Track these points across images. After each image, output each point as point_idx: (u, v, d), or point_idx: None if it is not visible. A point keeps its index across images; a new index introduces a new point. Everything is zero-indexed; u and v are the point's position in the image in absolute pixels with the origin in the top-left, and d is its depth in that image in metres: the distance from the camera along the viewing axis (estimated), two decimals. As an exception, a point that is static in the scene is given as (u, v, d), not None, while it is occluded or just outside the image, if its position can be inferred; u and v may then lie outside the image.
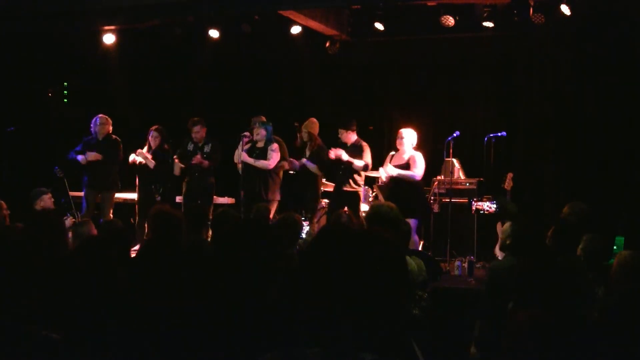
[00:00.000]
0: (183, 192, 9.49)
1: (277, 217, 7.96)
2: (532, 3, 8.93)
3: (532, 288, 3.59)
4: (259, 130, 9.01)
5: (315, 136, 9.36)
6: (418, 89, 11.22)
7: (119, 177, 9.54)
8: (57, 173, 9.39)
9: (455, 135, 9.07)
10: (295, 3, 9.35)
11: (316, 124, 9.43)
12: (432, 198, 9.46)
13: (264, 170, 8.98)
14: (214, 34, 10.40)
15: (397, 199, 7.36)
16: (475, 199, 9.25)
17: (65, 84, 12.18)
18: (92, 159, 9.26)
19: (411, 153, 8.54)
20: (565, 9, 8.80)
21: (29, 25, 10.04)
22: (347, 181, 8.91)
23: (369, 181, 9.76)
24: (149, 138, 9.51)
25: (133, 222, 9.68)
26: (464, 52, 10.73)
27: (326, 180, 9.69)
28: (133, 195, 9.83)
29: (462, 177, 9.69)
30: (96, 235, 5.51)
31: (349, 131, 8.98)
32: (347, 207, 8.67)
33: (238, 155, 9.10)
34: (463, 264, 8.24)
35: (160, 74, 11.78)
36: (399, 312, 2.02)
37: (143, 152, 9.42)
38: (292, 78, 11.52)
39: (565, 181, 10.07)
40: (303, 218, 8.55)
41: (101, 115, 9.48)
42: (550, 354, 3.26)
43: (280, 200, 9.23)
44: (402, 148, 8.58)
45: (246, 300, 2.98)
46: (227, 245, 3.31)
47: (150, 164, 9.37)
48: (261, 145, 9.06)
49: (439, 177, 9.55)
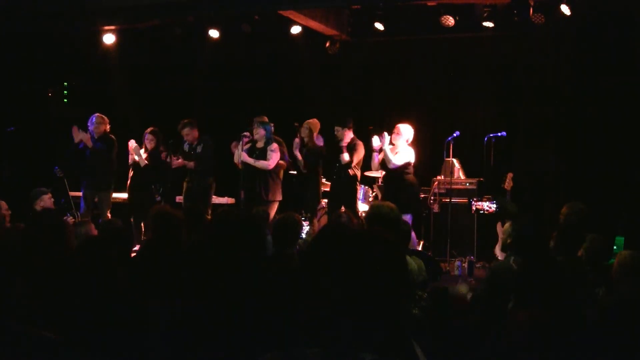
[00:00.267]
0: (183, 192, 9.51)
1: (277, 217, 7.97)
2: (532, 3, 8.93)
3: (532, 288, 3.59)
4: (258, 130, 9.02)
5: (314, 137, 9.35)
6: (418, 89, 11.22)
7: (114, 177, 9.53)
8: (57, 173, 9.39)
9: (455, 135, 9.08)
10: (295, 3, 9.35)
11: (318, 125, 9.43)
12: (432, 198, 9.47)
13: (264, 171, 8.98)
14: (214, 34, 10.40)
15: (389, 195, 7.39)
16: (475, 199, 9.25)
17: (65, 84, 12.18)
18: (83, 139, 9.21)
19: (404, 148, 8.61)
20: (565, 9, 8.80)
21: (29, 25, 10.04)
22: (343, 180, 8.95)
23: (369, 181, 9.77)
24: (144, 141, 9.50)
25: (133, 221, 9.68)
26: (464, 52, 10.73)
27: (326, 180, 9.70)
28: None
29: (462, 177, 9.69)
30: (96, 235, 5.52)
31: (346, 129, 9.02)
32: (344, 204, 8.68)
33: (238, 155, 9.10)
34: (463, 264, 8.25)
35: (160, 74, 11.78)
36: (399, 312, 2.02)
37: (138, 148, 9.41)
38: (292, 78, 11.51)
39: (565, 181, 10.07)
40: (303, 218, 8.56)
41: (97, 115, 9.46)
42: (550, 354, 3.26)
43: (280, 201, 9.24)
44: (397, 143, 8.64)
45: (246, 300, 2.98)
46: (227, 245, 3.31)
47: (141, 162, 9.37)
48: (260, 145, 9.07)
49: (439, 177, 9.55)
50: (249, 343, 2.83)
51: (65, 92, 12.23)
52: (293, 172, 9.66)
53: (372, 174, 9.38)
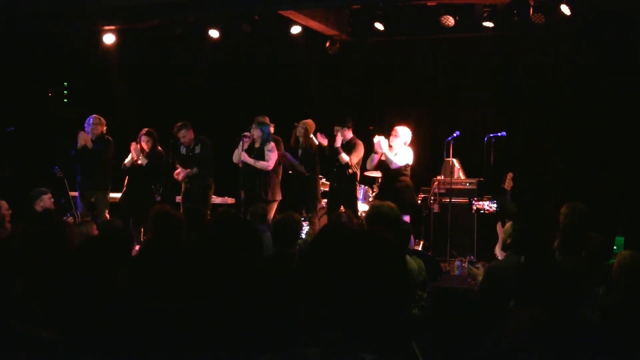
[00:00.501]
0: (182, 192, 9.49)
1: (277, 217, 7.97)
2: (532, 3, 8.93)
3: (532, 288, 3.59)
4: (254, 131, 9.03)
5: (310, 137, 9.35)
6: (418, 89, 11.22)
7: (111, 177, 9.53)
8: (57, 173, 9.39)
9: (455, 135, 9.08)
10: (295, 3, 9.35)
11: (313, 125, 9.44)
12: (432, 198, 9.47)
13: (263, 171, 8.99)
14: (214, 34, 10.40)
15: (387, 196, 7.40)
16: (476, 198, 9.26)
17: (65, 84, 12.17)
18: (82, 141, 9.22)
19: (404, 148, 8.67)
20: (565, 9, 8.80)
21: (29, 25, 10.04)
22: (343, 179, 8.96)
23: (369, 181, 9.77)
24: (140, 142, 9.47)
25: (132, 222, 9.67)
26: (464, 52, 10.73)
27: (326, 180, 9.70)
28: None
29: (462, 177, 9.69)
30: (96, 235, 5.52)
31: (345, 128, 9.04)
32: (344, 206, 8.69)
33: (238, 155, 9.10)
34: (463, 264, 8.24)
35: (160, 74, 11.78)
36: (398, 312, 2.02)
37: (138, 149, 9.41)
38: (292, 78, 11.51)
39: (565, 181, 10.07)
40: (303, 218, 8.56)
41: (95, 116, 9.46)
42: (550, 354, 3.26)
43: (280, 200, 9.25)
44: (394, 144, 8.66)
45: (246, 300, 2.98)
46: (226, 245, 3.31)
47: (143, 161, 9.36)
48: (257, 145, 9.08)
49: (439, 177, 9.55)
50: (249, 343, 2.83)
51: (65, 92, 12.23)
52: (291, 172, 9.66)
53: (372, 173, 9.38)
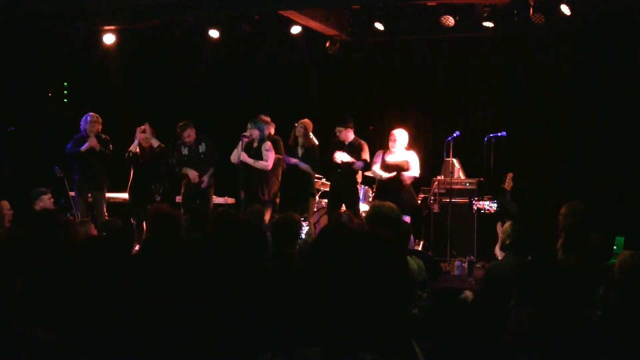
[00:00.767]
0: (182, 192, 9.47)
1: (277, 217, 7.97)
2: (532, 3, 8.93)
3: (532, 288, 3.59)
4: (252, 131, 9.03)
5: (310, 136, 9.36)
6: (418, 89, 11.22)
7: (109, 177, 9.52)
8: (57, 173, 9.39)
9: (455, 135, 9.08)
10: (295, 3, 9.35)
11: (311, 125, 9.44)
12: (432, 198, 9.47)
13: (263, 171, 8.99)
14: (214, 34, 10.40)
15: (386, 197, 7.41)
16: (476, 198, 9.26)
17: (65, 84, 12.17)
18: (93, 144, 9.24)
19: (406, 154, 8.68)
20: (565, 9, 8.80)
21: (29, 25, 10.04)
22: (347, 179, 8.96)
23: (369, 181, 9.77)
24: (140, 140, 9.45)
25: (133, 222, 9.67)
26: (464, 52, 10.73)
27: (326, 180, 9.70)
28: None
29: (462, 177, 9.69)
30: (96, 235, 5.52)
31: (347, 129, 9.04)
32: (346, 206, 8.71)
33: (236, 155, 9.09)
34: (463, 264, 8.24)
35: (160, 74, 11.77)
36: (399, 312, 2.02)
37: (147, 132, 9.40)
38: (292, 78, 11.51)
39: (565, 181, 10.07)
40: (302, 218, 8.57)
41: (92, 114, 9.45)
42: (550, 354, 3.27)
43: (279, 201, 9.26)
44: (394, 149, 8.69)
45: (246, 300, 2.98)
46: (226, 245, 3.31)
47: (154, 143, 9.35)
48: (255, 145, 9.08)
49: (439, 177, 9.55)
50: (249, 343, 2.83)
51: (65, 92, 12.23)
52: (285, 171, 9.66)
53: (371, 173, 9.38)
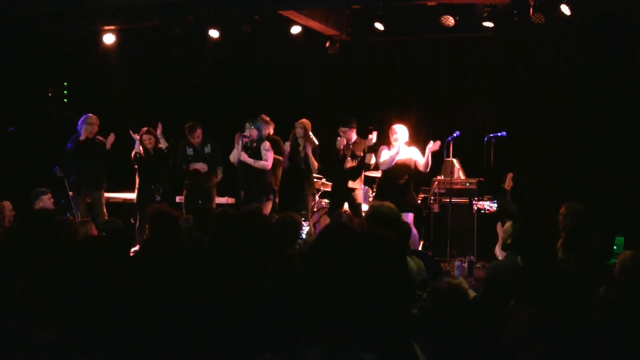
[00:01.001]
0: (184, 193, 9.47)
1: (276, 217, 7.96)
2: (532, 3, 8.93)
3: (532, 288, 3.59)
4: (251, 131, 9.04)
5: (310, 136, 9.36)
6: (418, 89, 11.22)
7: (106, 176, 9.54)
8: (57, 173, 9.39)
9: (455, 135, 9.08)
10: (295, 3, 9.35)
11: (310, 125, 9.45)
12: (432, 198, 9.47)
13: (262, 170, 9.00)
14: (214, 34, 10.40)
15: (389, 196, 7.41)
16: (476, 198, 9.26)
17: (65, 84, 12.17)
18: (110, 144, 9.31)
19: (409, 149, 8.70)
20: (565, 9, 8.80)
21: (29, 25, 10.04)
22: (351, 179, 8.96)
23: (369, 181, 9.77)
24: (143, 142, 9.46)
25: (133, 222, 9.68)
26: (464, 52, 10.73)
27: (326, 180, 9.71)
28: (132, 195, 9.83)
29: (462, 177, 9.69)
30: (96, 235, 5.52)
31: (351, 129, 9.04)
32: (349, 205, 8.72)
33: (236, 154, 9.09)
34: (463, 264, 8.25)
35: (160, 74, 11.78)
36: (399, 312, 2.02)
37: (156, 134, 9.43)
38: (292, 78, 11.51)
39: (565, 181, 10.08)
40: (303, 219, 8.57)
41: (90, 115, 9.46)
42: (550, 354, 3.26)
43: (278, 201, 9.27)
44: (397, 144, 8.67)
45: (246, 300, 2.98)
46: (226, 245, 3.30)
47: (164, 144, 9.38)
48: (254, 144, 9.09)
49: (439, 177, 9.55)
50: (249, 343, 2.83)
51: (65, 92, 12.23)
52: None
53: (372, 173, 9.38)
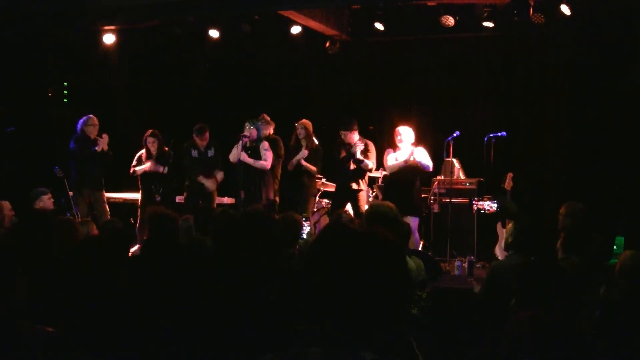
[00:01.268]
0: (184, 194, 9.47)
1: (277, 217, 7.96)
2: (532, 3, 8.93)
3: (532, 287, 3.59)
4: (250, 131, 9.03)
5: (312, 136, 9.36)
6: (418, 89, 11.21)
7: (104, 176, 9.56)
8: (57, 173, 9.38)
9: (455, 135, 9.08)
10: (295, 3, 9.34)
11: (311, 125, 9.44)
12: (432, 198, 9.47)
13: (261, 171, 9.00)
14: (214, 34, 10.40)
15: (397, 198, 7.40)
16: (476, 198, 9.26)
17: (65, 84, 12.17)
18: (105, 145, 9.31)
19: (416, 150, 8.69)
20: (565, 9, 8.80)
21: (29, 25, 10.04)
22: (355, 180, 8.96)
23: (369, 181, 9.77)
24: (147, 145, 9.48)
25: (133, 222, 9.69)
26: (464, 52, 10.73)
27: (327, 180, 9.70)
28: (133, 195, 9.84)
29: (462, 177, 9.69)
30: (96, 235, 5.52)
31: (351, 132, 9.03)
32: (352, 206, 8.72)
33: (235, 154, 9.09)
34: (463, 264, 8.24)
35: (160, 74, 11.77)
36: (399, 312, 2.02)
37: (160, 137, 9.46)
38: (292, 78, 11.51)
39: (565, 181, 10.08)
40: (303, 219, 8.57)
41: (91, 116, 9.48)
42: (550, 354, 3.26)
43: (277, 201, 9.27)
44: (402, 145, 8.68)
45: (246, 300, 2.98)
46: (228, 245, 3.31)
47: (158, 169, 9.41)
48: (253, 144, 9.09)
49: (439, 177, 9.55)
50: (250, 343, 2.83)
51: (65, 92, 12.22)
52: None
53: (372, 174, 9.38)
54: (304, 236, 7.84)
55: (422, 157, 8.72)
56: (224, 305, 2.97)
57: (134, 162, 9.51)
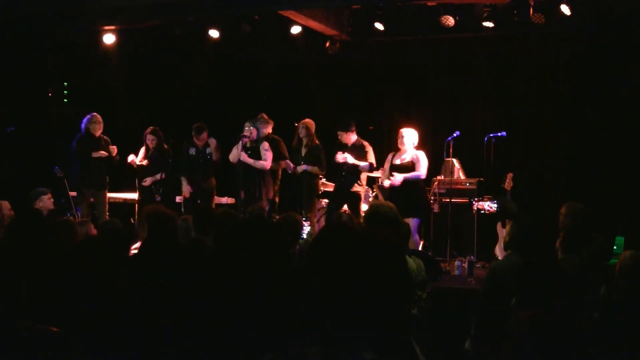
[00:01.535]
0: (184, 194, 9.48)
1: (277, 217, 7.97)
2: (532, 3, 8.93)
3: (532, 287, 3.59)
4: (250, 131, 9.03)
5: (314, 135, 9.36)
6: (418, 89, 11.21)
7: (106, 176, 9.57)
8: (57, 173, 9.39)
9: (455, 135, 9.07)
10: (295, 3, 9.34)
11: (313, 125, 9.43)
12: (432, 198, 9.47)
13: (261, 171, 9.00)
14: (214, 34, 10.40)
15: (399, 198, 7.39)
16: (476, 198, 9.26)
17: (65, 84, 12.17)
18: (101, 156, 9.33)
19: (414, 152, 8.62)
20: (565, 9, 8.80)
21: (29, 25, 10.04)
22: (351, 182, 8.95)
23: (369, 181, 9.77)
24: (146, 141, 9.50)
25: (133, 222, 9.69)
26: (464, 52, 10.73)
27: (326, 180, 9.70)
28: (132, 195, 9.85)
29: (462, 177, 9.69)
30: (96, 235, 5.52)
31: (348, 132, 9.02)
32: (348, 207, 8.71)
33: (235, 154, 9.09)
34: (463, 264, 8.24)
35: (160, 74, 11.77)
36: (399, 312, 2.02)
37: (134, 161, 9.47)
38: (292, 78, 11.51)
39: (565, 181, 10.07)
40: (304, 218, 8.56)
41: (95, 114, 9.49)
42: (550, 354, 3.26)
43: (277, 201, 9.27)
44: (404, 148, 8.63)
45: (246, 300, 2.98)
46: (228, 245, 3.31)
47: (164, 147, 9.44)
48: (253, 144, 9.08)
49: (439, 177, 9.55)
50: (250, 343, 2.83)
51: (65, 92, 12.22)
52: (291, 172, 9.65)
53: (373, 174, 9.37)
54: (304, 236, 7.84)
55: (417, 164, 8.63)
56: (224, 305, 2.97)
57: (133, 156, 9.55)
